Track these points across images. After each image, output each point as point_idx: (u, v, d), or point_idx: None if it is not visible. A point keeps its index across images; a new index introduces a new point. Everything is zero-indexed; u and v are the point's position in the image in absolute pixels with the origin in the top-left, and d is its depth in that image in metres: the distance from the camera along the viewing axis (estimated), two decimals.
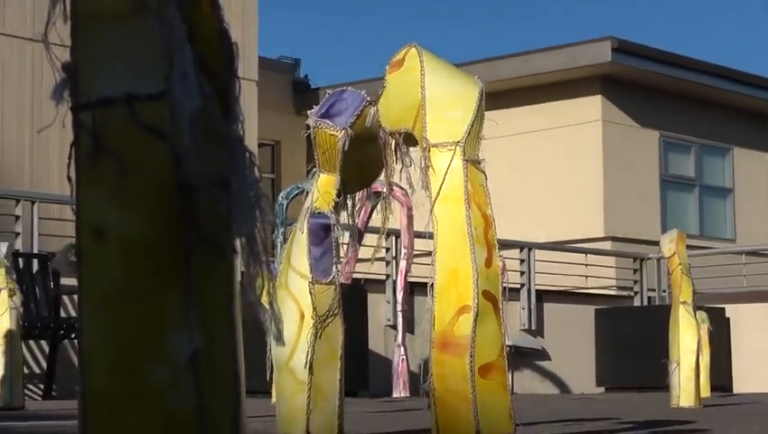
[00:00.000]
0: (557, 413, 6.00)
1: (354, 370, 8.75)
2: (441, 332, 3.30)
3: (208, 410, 1.69)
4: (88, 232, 1.73)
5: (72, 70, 1.73)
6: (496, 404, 3.24)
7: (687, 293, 7.27)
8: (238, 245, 1.81)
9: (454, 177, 3.34)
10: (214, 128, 1.65)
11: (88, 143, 1.73)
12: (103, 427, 1.70)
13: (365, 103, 3.64)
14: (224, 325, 1.75)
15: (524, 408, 3.73)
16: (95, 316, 1.72)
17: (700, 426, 4.50)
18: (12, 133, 14.54)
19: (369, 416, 5.67)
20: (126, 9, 1.66)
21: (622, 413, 5.93)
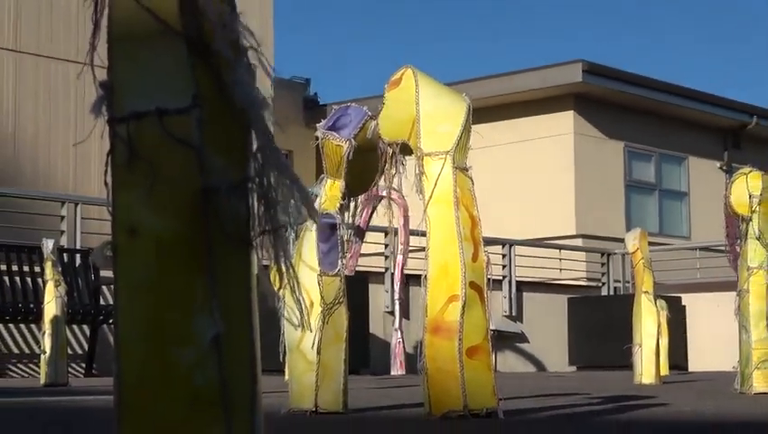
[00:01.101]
0: (535, 389, 5.98)
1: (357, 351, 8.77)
2: (433, 318, 3.29)
3: (229, 386, 1.68)
4: (122, 231, 1.72)
5: (109, 87, 1.72)
6: (481, 381, 3.23)
7: (648, 284, 7.26)
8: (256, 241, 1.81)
9: (445, 183, 3.33)
10: (229, 139, 1.64)
11: (124, 152, 1.72)
12: (136, 401, 1.70)
13: (366, 117, 3.63)
14: (243, 311, 1.74)
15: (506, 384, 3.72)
16: (129, 303, 1.71)
17: (660, 400, 4.48)
18: (58, 144, 14.54)
19: (370, 391, 5.66)
20: (155, 32, 1.65)
21: (592, 389, 5.91)
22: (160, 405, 1.65)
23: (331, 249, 3.65)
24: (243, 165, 1.69)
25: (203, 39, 1.69)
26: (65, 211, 10.63)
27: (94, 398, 5.13)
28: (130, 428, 1.68)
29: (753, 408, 3.97)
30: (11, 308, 9.26)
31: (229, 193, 1.68)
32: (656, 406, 4.11)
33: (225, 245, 1.69)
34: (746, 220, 5.23)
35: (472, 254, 3.29)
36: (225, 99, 1.68)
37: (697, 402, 4.50)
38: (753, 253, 5.20)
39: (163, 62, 1.69)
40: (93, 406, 4.30)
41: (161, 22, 1.64)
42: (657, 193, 18.57)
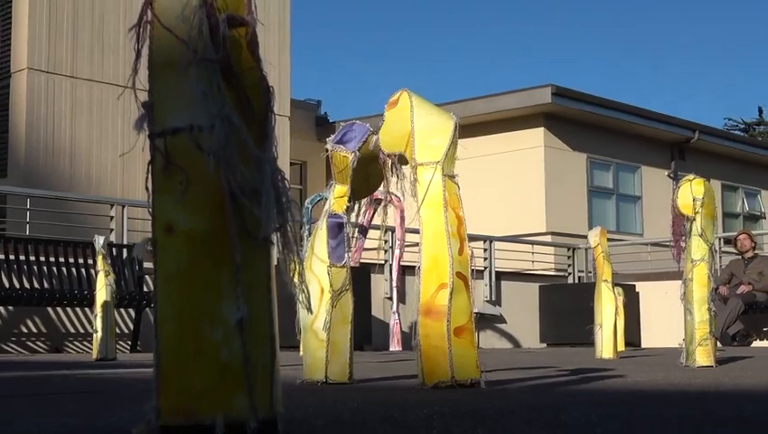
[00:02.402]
0: (511, 363, 5.98)
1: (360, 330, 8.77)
2: (425, 302, 3.28)
3: (251, 361, 1.68)
4: (160, 229, 1.72)
5: (149, 107, 1.72)
6: (466, 356, 3.23)
7: (607, 273, 7.26)
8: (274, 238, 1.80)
9: (435, 188, 3.32)
10: (248, 152, 1.64)
11: (161, 162, 1.71)
12: (172, 373, 1.69)
13: (369, 133, 3.63)
14: (263, 297, 1.74)
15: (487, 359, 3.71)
16: (166, 290, 1.71)
17: (618, 372, 4.48)
18: (107, 155, 14.55)
19: (372, 365, 5.65)
20: (188, 61, 1.65)
21: (560, 363, 5.91)
22: (191, 376, 1.64)
23: (338, 244, 3.64)
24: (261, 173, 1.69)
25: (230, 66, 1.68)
26: (113, 212, 10.64)
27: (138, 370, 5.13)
28: (166, 395, 1.67)
29: (695, 378, 3.97)
30: (68, 294, 9.27)
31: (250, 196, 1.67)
32: (614, 377, 4.11)
33: (247, 241, 1.68)
34: (690, 220, 5.23)
35: (459, 248, 3.29)
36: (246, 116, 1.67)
37: (648, 374, 4.50)
38: (696, 248, 5.20)
39: (194, 86, 1.68)
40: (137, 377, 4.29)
41: (193, 52, 1.64)
42: (614, 198, 18.61)
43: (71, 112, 14.73)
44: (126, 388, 3.64)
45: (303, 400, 2.70)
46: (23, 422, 2.25)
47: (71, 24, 14.87)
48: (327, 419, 2.11)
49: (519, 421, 2.11)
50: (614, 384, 3.62)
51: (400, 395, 3.07)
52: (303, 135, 18.23)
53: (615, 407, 2.63)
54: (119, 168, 14.51)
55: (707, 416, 2.31)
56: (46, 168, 14.29)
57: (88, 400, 3.12)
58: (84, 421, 2.26)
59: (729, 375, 4.24)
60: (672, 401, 2.82)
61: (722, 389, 3.30)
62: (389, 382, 4.01)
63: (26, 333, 9.56)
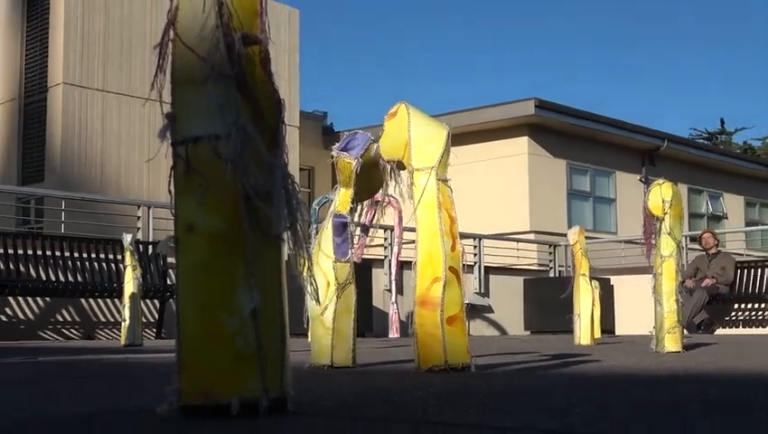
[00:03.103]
0: (499, 348, 5.97)
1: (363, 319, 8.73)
2: (421, 294, 3.27)
3: (264, 347, 1.67)
4: (182, 227, 1.71)
5: (172, 118, 1.71)
6: (458, 343, 3.22)
7: (585, 268, 7.25)
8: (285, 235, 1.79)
9: (430, 191, 3.31)
10: (262, 159, 1.63)
11: (183, 167, 1.71)
12: (192, 358, 1.69)
13: (370, 141, 3.62)
14: (275, 288, 1.73)
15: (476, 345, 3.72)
16: (187, 283, 1.70)
17: (594, 357, 4.47)
18: (134, 162, 14.56)
19: (372, 350, 5.64)
20: (206, 76, 1.64)
21: (542, 348, 5.90)
22: (209, 361, 1.64)
23: (343, 241, 3.63)
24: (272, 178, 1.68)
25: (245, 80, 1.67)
26: (140, 212, 10.65)
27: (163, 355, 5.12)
28: (187, 377, 1.66)
29: (664, 362, 3.97)
30: (99, 287, 9.27)
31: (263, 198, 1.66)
32: (592, 361, 4.11)
33: (260, 238, 1.68)
34: (660, 220, 5.22)
35: (451, 246, 3.28)
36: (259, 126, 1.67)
37: (622, 358, 4.49)
38: (665, 245, 5.19)
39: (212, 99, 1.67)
40: (161, 361, 4.28)
41: (211, 68, 1.63)
42: (591, 199, 18.61)
43: (102, 122, 14.73)
44: (151, 371, 3.63)
45: (310, 383, 2.69)
46: (57, 404, 2.24)
47: (102, 43, 14.87)
48: (333, 401, 2.10)
49: (506, 403, 2.10)
50: (592, 368, 3.61)
51: (398, 378, 3.06)
52: (311, 143, 18.23)
53: (593, 390, 2.62)
54: (145, 173, 14.51)
55: (675, 398, 2.31)
56: (79, 173, 14.29)
57: (117, 382, 3.11)
58: (113, 402, 2.25)
59: (695, 360, 4.24)
60: (644, 384, 2.82)
61: (689, 373, 3.30)
62: (388, 366, 4.00)
63: (61, 321, 9.56)
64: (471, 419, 1.70)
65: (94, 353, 5.59)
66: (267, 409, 1.60)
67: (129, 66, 14.98)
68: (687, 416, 1.81)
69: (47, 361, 4.59)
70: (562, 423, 1.65)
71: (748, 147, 34.55)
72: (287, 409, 1.65)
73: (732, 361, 4.29)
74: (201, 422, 1.56)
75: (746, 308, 12.43)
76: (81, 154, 14.48)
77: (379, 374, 3.37)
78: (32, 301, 9.33)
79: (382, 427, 1.60)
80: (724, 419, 1.76)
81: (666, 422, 1.69)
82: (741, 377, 3.08)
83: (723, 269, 11.99)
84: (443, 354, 3.17)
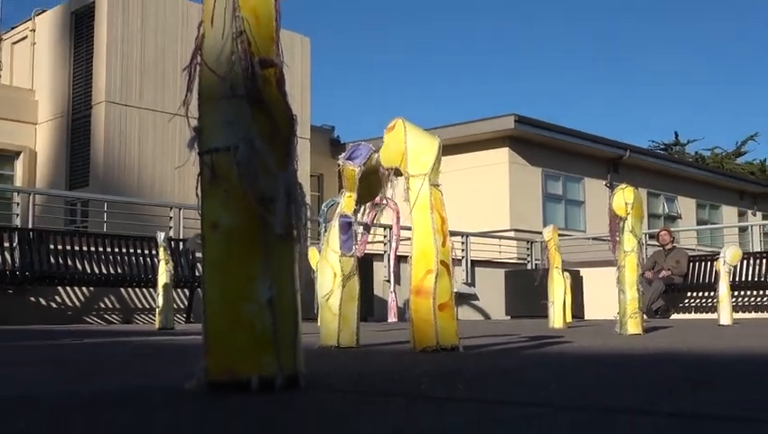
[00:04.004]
0: (483, 331, 5.97)
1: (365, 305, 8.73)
2: (416, 285, 3.26)
3: (279, 331, 1.66)
4: (207, 226, 1.70)
5: (198, 131, 1.70)
6: (448, 327, 3.21)
7: (558, 261, 7.25)
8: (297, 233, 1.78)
9: (424, 194, 3.30)
10: (268, 168, 1.62)
11: (208, 174, 1.70)
12: (217, 340, 1.68)
13: (371, 151, 3.61)
14: (288, 279, 1.72)
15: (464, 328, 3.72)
16: (212, 274, 1.69)
17: (566, 339, 4.47)
18: (167, 169, 14.55)
19: (373, 333, 5.63)
20: (224, 96, 1.64)
21: (521, 331, 5.89)
22: (232, 343, 1.62)
23: (348, 238, 3.62)
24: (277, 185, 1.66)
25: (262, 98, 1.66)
26: (172, 213, 10.65)
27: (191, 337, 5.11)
28: (212, 357, 1.65)
29: (627, 343, 3.96)
30: (136, 278, 9.26)
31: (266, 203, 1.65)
32: (564, 343, 4.10)
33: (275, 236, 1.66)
34: (623, 219, 5.21)
35: (442, 242, 3.27)
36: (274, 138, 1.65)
37: (591, 340, 4.49)
38: (628, 242, 5.18)
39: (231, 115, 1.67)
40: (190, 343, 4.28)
41: (230, 88, 1.62)
42: (563, 202, 18.61)
43: (139, 135, 14.72)
44: (182, 352, 3.62)
45: (320, 362, 2.68)
46: (100, 381, 2.23)
47: (138, 67, 14.87)
48: (339, 377, 2.09)
49: (490, 380, 2.10)
50: (564, 349, 3.60)
51: (396, 358, 3.05)
52: (320, 153, 18.22)
53: (566, 367, 2.61)
54: (176, 179, 14.49)
55: (639, 373, 2.30)
56: (119, 179, 14.29)
57: (152, 361, 3.10)
58: (148, 379, 2.24)
59: (654, 341, 4.23)
60: (610, 363, 2.81)
61: (649, 352, 3.29)
62: (387, 347, 3.99)
63: (103, 308, 9.54)
64: (460, 394, 1.70)
65: (132, 336, 5.59)
66: (282, 385, 1.59)
67: (162, 86, 14.97)
68: (649, 388, 1.81)
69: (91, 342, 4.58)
70: (539, 397, 1.64)
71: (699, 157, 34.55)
72: (300, 385, 1.64)
73: (686, 342, 4.28)
74: (226, 397, 1.55)
75: (698, 296, 12.44)
76: (121, 162, 14.47)
77: (379, 354, 3.37)
78: (79, 290, 9.32)
79: (383, 400, 1.59)
80: (681, 391, 1.75)
81: (631, 394, 1.68)
82: (694, 355, 3.07)
83: (677, 263, 12.00)
84: (435, 337, 3.17)
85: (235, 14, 1.62)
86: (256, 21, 1.65)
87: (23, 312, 8.75)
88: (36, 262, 8.59)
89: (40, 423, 1.33)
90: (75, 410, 1.48)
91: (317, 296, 3.65)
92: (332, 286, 3.58)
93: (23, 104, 15.90)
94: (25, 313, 8.77)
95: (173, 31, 15.21)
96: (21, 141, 15.77)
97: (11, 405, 1.58)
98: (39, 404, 1.58)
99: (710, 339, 4.55)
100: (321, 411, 1.42)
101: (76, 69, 15.36)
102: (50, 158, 15.66)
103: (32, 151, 15.91)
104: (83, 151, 14.92)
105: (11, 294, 8.73)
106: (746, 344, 3.87)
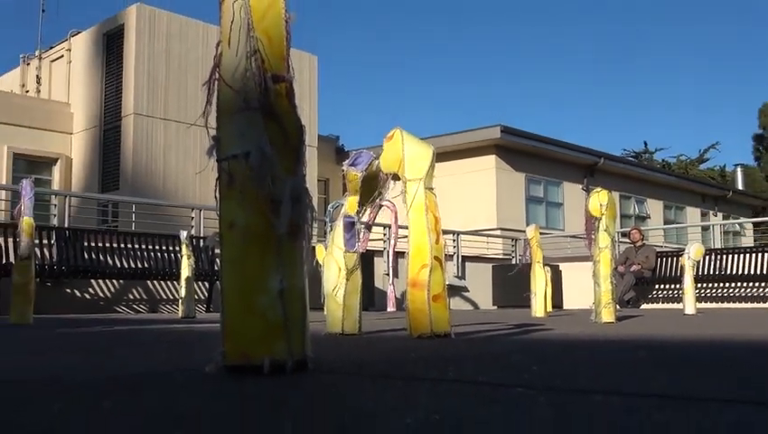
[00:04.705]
0: (473, 319, 5.96)
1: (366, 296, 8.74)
2: (412, 278, 3.26)
3: (289, 320, 1.65)
4: (225, 225, 1.70)
5: (217, 140, 1.69)
6: (441, 316, 3.21)
7: (539, 257, 7.24)
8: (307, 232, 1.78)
9: (419, 197, 3.30)
10: (276, 174, 1.61)
11: (225, 178, 1.69)
12: (233, 327, 1.67)
13: (372, 158, 3.60)
14: (298, 273, 1.71)
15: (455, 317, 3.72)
16: (229, 268, 1.69)
17: (547, 326, 4.46)
18: (189, 174, 14.54)
19: (374, 321, 5.63)
20: (241, 108, 1.63)
21: (506, 319, 5.89)
22: (246, 330, 1.62)
23: (351, 236, 3.62)
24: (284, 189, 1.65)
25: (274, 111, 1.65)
26: (193, 214, 10.64)
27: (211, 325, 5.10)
28: (229, 343, 1.64)
29: (601, 330, 3.96)
30: (161, 271, 9.25)
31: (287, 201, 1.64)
32: (545, 330, 4.09)
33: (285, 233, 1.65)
34: (598, 219, 5.21)
35: (435, 239, 3.27)
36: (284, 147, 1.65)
37: (569, 327, 4.48)
38: (602, 239, 5.18)
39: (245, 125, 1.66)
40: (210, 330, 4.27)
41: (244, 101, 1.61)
42: (544, 204, 18.61)
43: (163, 143, 14.72)
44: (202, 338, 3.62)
45: (326, 347, 2.68)
46: (130, 366, 2.22)
47: (163, 82, 14.86)
48: (343, 361, 2.08)
49: (479, 363, 2.09)
50: (545, 336, 3.60)
51: (394, 343, 3.05)
52: (326, 159, 18.22)
53: (547, 352, 2.61)
54: (197, 183, 14.49)
55: (613, 357, 2.29)
56: (146, 183, 14.28)
57: (175, 347, 3.10)
58: (172, 363, 2.23)
59: (626, 329, 4.22)
60: (586, 348, 2.80)
61: (621, 338, 3.29)
62: (387, 333, 3.99)
63: (132, 299, 9.54)
64: (451, 376, 1.69)
65: (157, 324, 5.58)
66: (292, 368, 1.59)
67: (184, 99, 14.97)
68: (623, 370, 1.80)
69: (120, 330, 4.58)
70: (523, 378, 1.63)
71: (666, 163, 34.56)
72: (308, 368, 1.64)
73: (655, 329, 4.27)
74: (241, 379, 1.54)
75: (665, 288, 12.43)
76: (147, 168, 14.46)
77: (379, 340, 3.36)
78: (110, 283, 9.31)
79: (383, 382, 1.59)
80: (652, 372, 1.74)
81: (607, 375, 1.67)
82: (662, 341, 3.07)
83: (647, 258, 12.00)
84: (429, 325, 3.16)
85: (250, 34, 1.62)
86: (268, 41, 1.64)
87: (59, 302, 8.74)
88: (71, 258, 8.59)
89: (74, 404, 1.32)
90: (106, 392, 1.47)
91: (323, 287, 3.64)
92: (337, 279, 3.57)
93: (60, 116, 15.90)
94: (62, 303, 8.76)
95: (194, 50, 15.20)
96: (58, 149, 15.78)
97: (47, 388, 1.58)
98: (73, 387, 1.58)
99: (676, 327, 4.54)
100: (327, 392, 1.42)
101: (107, 84, 15.36)
102: (84, 164, 15.66)
103: (68, 158, 15.91)
104: (114, 158, 14.91)
105: (49, 286, 8.72)
106: (709, 332, 3.87)
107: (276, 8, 1.66)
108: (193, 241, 9.50)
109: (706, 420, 1.09)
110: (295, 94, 1.68)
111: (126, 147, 14.59)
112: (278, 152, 1.61)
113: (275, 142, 1.60)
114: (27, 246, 5.29)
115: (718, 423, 1.07)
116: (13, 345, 3.16)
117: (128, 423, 1.11)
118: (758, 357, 2.31)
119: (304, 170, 1.67)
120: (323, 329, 3.58)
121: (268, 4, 1.65)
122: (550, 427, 1.05)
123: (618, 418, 1.12)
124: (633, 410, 1.18)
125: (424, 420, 1.09)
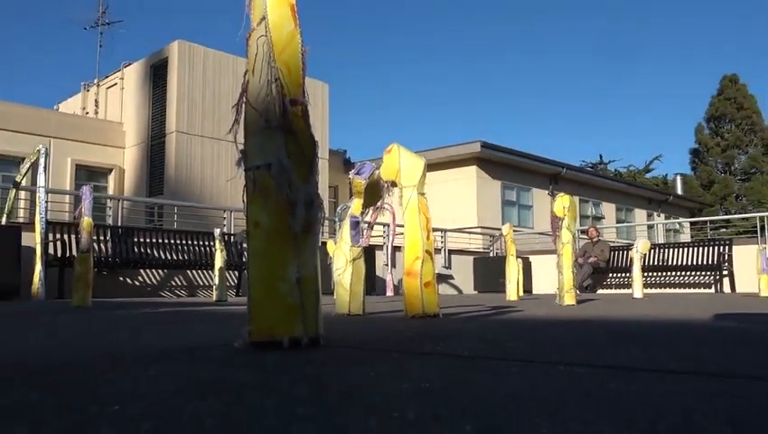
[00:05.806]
0: (458, 302, 5.95)
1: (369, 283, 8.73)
2: (407, 268, 3.25)
3: (305, 304, 1.65)
4: (251, 224, 1.69)
5: (244, 153, 1.69)
6: (431, 299, 3.20)
7: (512, 250, 7.23)
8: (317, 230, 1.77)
9: (413, 201, 3.29)
10: (292, 182, 1.61)
11: (251, 185, 1.69)
12: (258, 310, 1.66)
13: (374, 168, 3.60)
14: (312, 264, 1.71)
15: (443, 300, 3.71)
16: (254, 260, 1.68)
17: (519, 308, 4.45)
18: (221, 181, 14.53)
19: (376, 303, 5.61)
20: (264, 126, 1.63)
21: (484, 302, 5.88)
22: (269, 312, 1.61)
23: (356, 233, 3.61)
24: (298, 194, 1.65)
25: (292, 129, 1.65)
26: (225, 215, 10.61)
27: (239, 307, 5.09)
28: (255, 323, 1.64)
29: (564, 311, 3.95)
30: (199, 262, 9.23)
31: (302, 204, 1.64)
32: (518, 311, 4.09)
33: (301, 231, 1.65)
34: (561, 219, 5.20)
35: (426, 236, 3.26)
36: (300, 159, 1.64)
37: (537, 309, 4.48)
38: (565, 236, 5.17)
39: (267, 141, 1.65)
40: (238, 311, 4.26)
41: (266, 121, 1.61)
42: (517, 206, 18.58)
43: (201, 156, 14.71)
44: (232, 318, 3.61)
45: (335, 326, 2.67)
46: (173, 338, 2.22)
47: (200, 105, 14.86)
48: (350, 338, 2.08)
49: (463, 339, 2.08)
50: (518, 316, 3.59)
51: (392, 323, 3.04)
52: (335, 169, 18.20)
53: (519, 329, 2.60)
54: (229, 189, 14.47)
55: (576, 334, 2.29)
56: (186, 189, 14.26)
57: (210, 324, 3.09)
58: (207, 339, 2.23)
59: (585, 311, 4.22)
60: (554, 325, 2.80)
61: (582, 318, 3.28)
62: (386, 314, 3.98)
63: (174, 285, 9.53)
64: (440, 349, 1.69)
65: (195, 307, 5.57)
66: (307, 344, 1.59)
67: (218, 119, 14.96)
68: (585, 345, 1.80)
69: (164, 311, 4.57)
70: (499, 351, 1.63)
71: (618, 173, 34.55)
72: (320, 344, 1.63)
73: (609, 310, 4.27)
74: (265, 352, 1.54)
75: (617, 277, 12.42)
76: (187, 176, 14.45)
77: (380, 320, 3.36)
78: (156, 272, 9.30)
79: (383, 355, 1.59)
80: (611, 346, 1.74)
81: (568, 349, 1.67)
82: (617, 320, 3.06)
83: (602, 252, 12.00)
84: (421, 307, 3.16)
85: (271, 65, 1.62)
86: (287, 70, 1.64)
87: (114, 289, 8.74)
88: (124, 251, 8.59)
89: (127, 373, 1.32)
90: (152, 362, 1.47)
91: (333, 276, 3.64)
92: (344, 268, 3.57)
93: (114, 133, 15.91)
94: (116, 290, 8.76)
95: (226, 79, 15.21)
96: (112, 161, 15.78)
97: (103, 359, 1.58)
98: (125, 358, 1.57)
99: (627, 309, 4.54)
100: (335, 363, 1.42)
101: (154, 107, 15.36)
102: (134, 173, 15.66)
103: (121, 168, 15.92)
104: (159, 168, 14.91)
105: (105, 275, 8.72)
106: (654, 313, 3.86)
107: (294, 43, 1.66)
108: (225, 238, 9.49)
109: (652, 389, 1.09)
110: (309, 115, 1.68)
111: (169, 159, 14.59)
112: (295, 163, 1.61)
113: (292, 155, 1.60)
114: (87, 241, 5.30)
115: (665, 393, 1.07)
116: (79, 324, 3.15)
117: (174, 384, 1.11)
118: (694, 333, 2.30)
119: (316, 178, 1.66)
120: (333, 311, 3.57)
121: (287, 40, 1.65)
122: (524, 390, 1.05)
123: (578, 383, 1.12)
124: (590, 378, 1.18)
125: (417, 386, 1.09)
